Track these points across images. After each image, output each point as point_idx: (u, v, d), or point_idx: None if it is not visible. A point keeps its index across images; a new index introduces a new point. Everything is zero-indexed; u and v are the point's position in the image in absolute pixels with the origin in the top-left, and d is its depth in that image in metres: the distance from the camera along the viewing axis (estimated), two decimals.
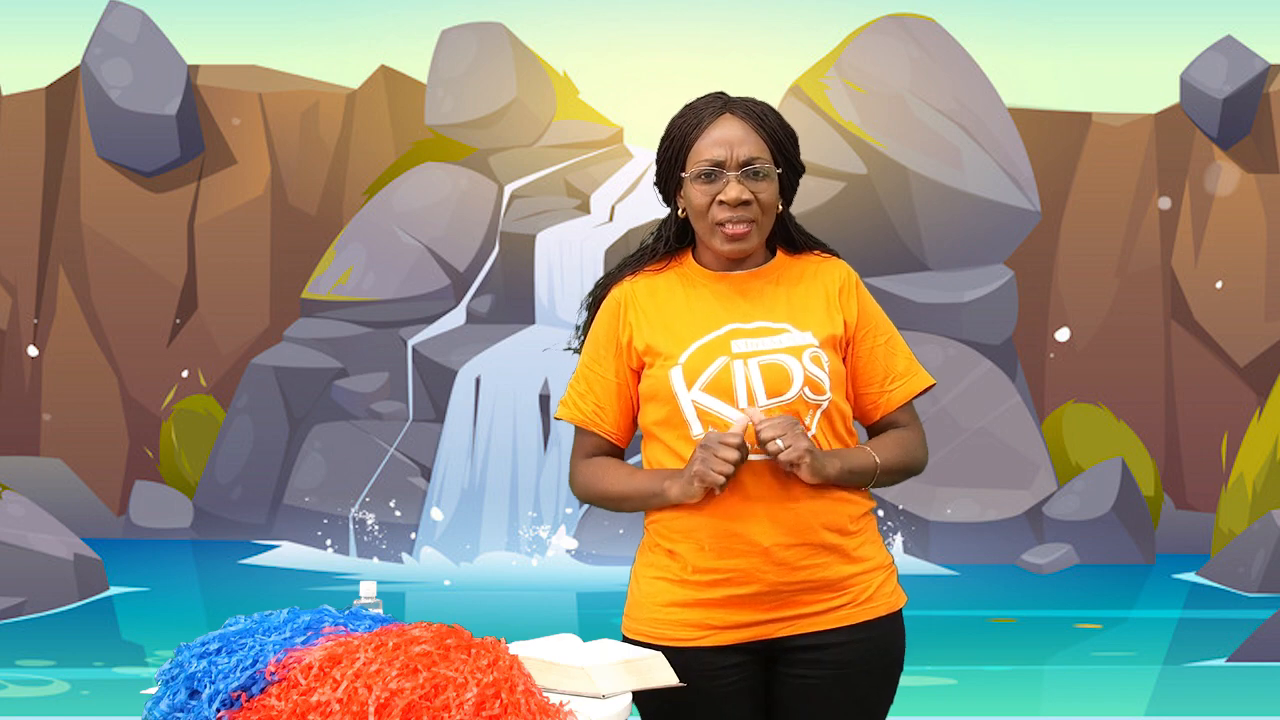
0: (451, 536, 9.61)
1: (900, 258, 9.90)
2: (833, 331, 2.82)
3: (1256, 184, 10.36)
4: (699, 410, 2.75)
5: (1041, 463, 9.66)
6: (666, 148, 2.83)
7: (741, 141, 2.77)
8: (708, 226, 2.80)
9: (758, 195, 2.77)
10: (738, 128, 2.78)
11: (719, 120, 2.79)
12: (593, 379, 2.86)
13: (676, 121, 2.83)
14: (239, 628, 2.51)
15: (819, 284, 2.86)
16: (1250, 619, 7.67)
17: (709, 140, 2.78)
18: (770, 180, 2.78)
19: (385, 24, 11.15)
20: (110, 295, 10.58)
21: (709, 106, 2.81)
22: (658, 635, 2.79)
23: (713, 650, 2.77)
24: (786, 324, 2.80)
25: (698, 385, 2.75)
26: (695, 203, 2.79)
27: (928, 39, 10.22)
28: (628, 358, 2.84)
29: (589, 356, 2.87)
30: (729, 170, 2.76)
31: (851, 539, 2.79)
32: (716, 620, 2.77)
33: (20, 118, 10.68)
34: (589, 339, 2.89)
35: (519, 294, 10.04)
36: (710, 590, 2.76)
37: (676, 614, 2.78)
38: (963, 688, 6.82)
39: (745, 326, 2.79)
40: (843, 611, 2.78)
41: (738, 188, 2.75)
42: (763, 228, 2.81)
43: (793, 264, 2.88)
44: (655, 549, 2.83)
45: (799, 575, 2.75)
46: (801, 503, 2.74)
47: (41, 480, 10.05)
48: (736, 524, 2.73)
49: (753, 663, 2.80)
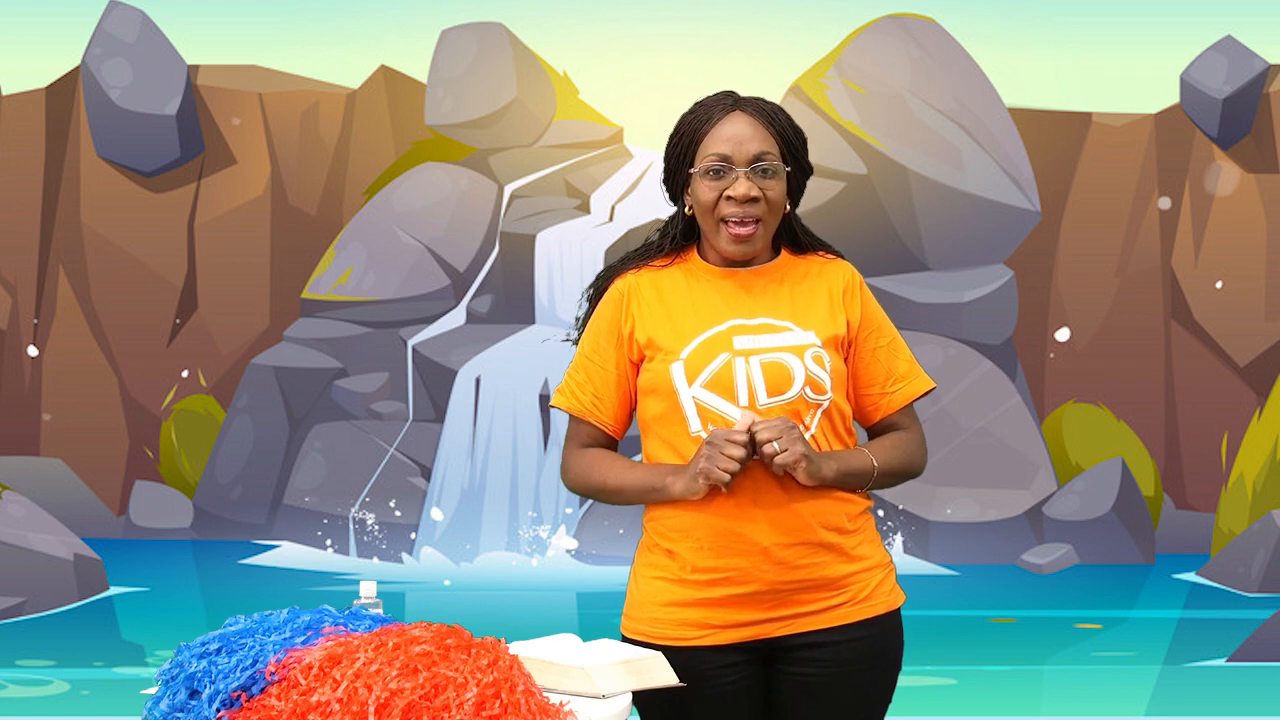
0: (451, 536, 9.61)
1: (900, 258, 9.90)
2: (835, 332, 2.81)
3: (1256, 184, 10.36)
4: (699, 406, 2.75)
5: (1041, 463, 9.66)
6: (675, 143, 2.83)
7: (751, 138, 2.77)
8: (714, 224, 2.79)
9: (766, 192, 2.77)
10: (748, 125, 2.78)
11: (729, 117, 2.79)
12: (592, 369, 2.85)
13: (686, 118, 2.83)
14: (239, 628, 2.51)
15: (823, 284, 2.85)
16: (1250, 619, 7.67)
17: (718, 136, 2.77)
18: (779, 178, 2.78)
19: (385, 24, 11.15)
20: (110, 295, 10.58)
21: (719, 104, 2.81)
22: (657, 635, 2.79)
23: (712, 650, 2.77)
24: (789, 322, 2.79)
25: (699, 381, 2.75)
26: (702, 198, 2.78)
27: (928, 39, 10.22)
28: (629, 349, 2.83)
29: (589, 346, 2.86)
30: (737, 166, 2.76)
31: (849, 538, 2.79)
32: (716, 619, 2.76)
33: (20, 118, 10.68)
34: (590, 329, 2.88)
35: (519, 294, 10.04)
36: (709, 590, 2.76)
37: (676, 613, 2.78)
38: (963, 688, 6.82)
39: (748, 323, 2.78)
40: (841, 610, 2.78)
41: (746, 183, 2.75)
42: (769, 227, 2.80)
43: (797, 263, 2.87)
44: (654, 549, 2.82)
45: (797, 574, 2.75)
46: (799, 502, 2.74)
47: (41, 480, 10.05)
48: (735, 523, 2.73)
49: (752, 662, 2.80)
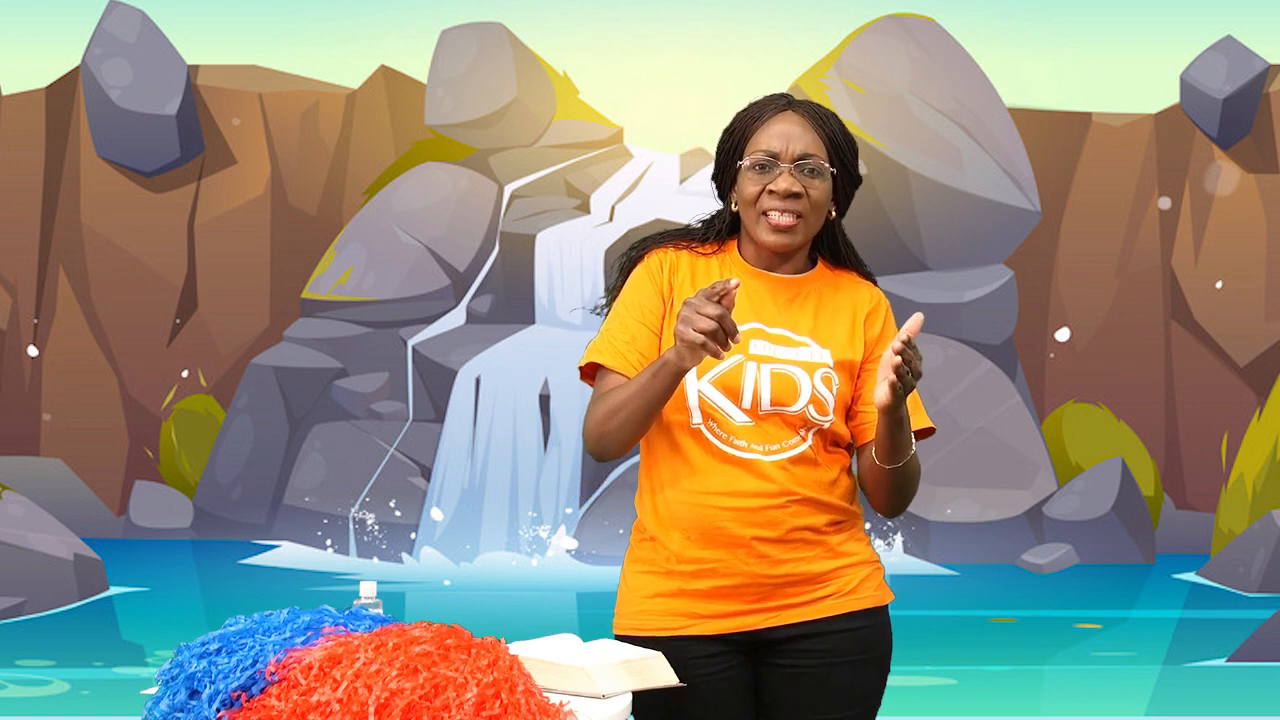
0: (451, 536, 9.61)
1: (900, 258, 9.90)
2: (851, 356, 2.83)
3: (1256, 184, 10.36)
4: (702, 400, 2.77)
5: (1041, 463, 9.66)
6: (726, 138, 2.85)
7: (799, 137, 2.79)
8: (754, 216, 2.80)
9: (809, 191, 2.78)
10: (798, 124, 2.80)
11: (781, 115, 2.81)
12: (639, 330, 2.80)
13: (739, 114, 2.86)
14: (239, 628, 2.51)
15: (849, 302, 2.87)
16: (1250, 619, 7.67)
17: (768, 133, 2.80)
18: (824, 179, 2.79)
19: (385, 24, 11.15)
20: (110, 295, 10.58)
21: (773, 103, 2.84)
22: (643, 626, 2.81)
23: (696, 639, 2.79)
24: (808, 339, 2.81)
25: (708, 376, 2.77)
26: (746, 192, 2.80)
27: (928, 39, 10.22)
28: (669, 317, 2.82)
29: (636, 309, 2.81)
30: (783, 162, 2.78)
31: (833, 535, 2.81)
32: (700, 610, 2.78)
33: (20, 118, 10.68)
34: (633, 291, 2.83)
35: (519, 294, 10.04)
36: (694, 580, 2.78)
37: (660, 604, 2.80)
38: (963, 688, 6.81)
39: (768, 330, 2.80)
40: (827, 602, 2.80)
41: (789, 179, 2.76)
42: (810, 226, 2.81)
43: (830, 277, 2.89)
44: (641, 543, 2.85)
45: (781, 569, 2.77)
46: (785, 505, 2.75)
47: (41, 480, 10.05)
48: (719, 516, 2.75)
49: (737, 653, 2.81)
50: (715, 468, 2.77)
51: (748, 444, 2.75)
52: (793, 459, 2.77)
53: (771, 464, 2.76)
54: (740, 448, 2.76)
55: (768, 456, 2.76)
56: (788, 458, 2.77)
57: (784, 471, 2.76)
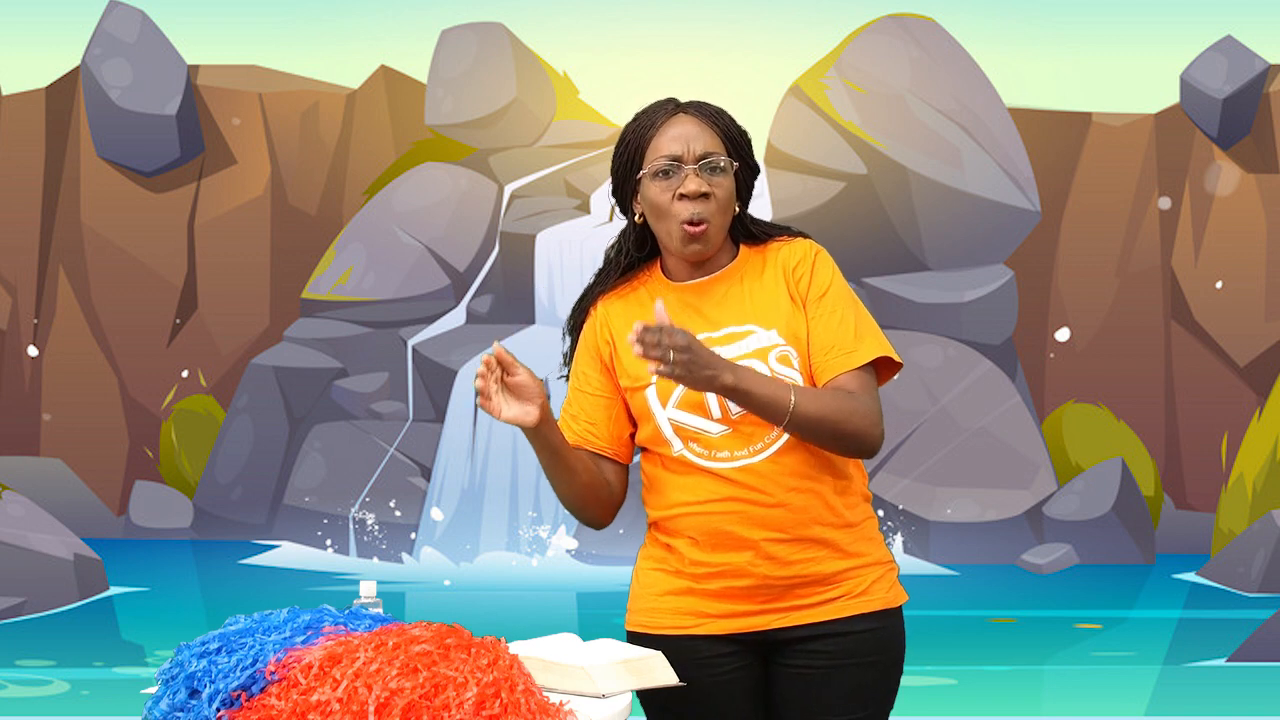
0: (451, 536, 9.61)
1: (900, 258, 9.90)
2: (796, 323, 2.80)
3: (1256, 184, 10.36)
4: (675, 427, 2.77)
5: (1041, 463, 9.66)
6: (622, 151, 2.84)
7: (697, 137, 2.78)
8: (667, 228, 2.78)
9: (715, 190, 2.77)
10: (693, 125, 2.79)
11: (674, 119, 2.80)
12: (582, 399, 2.87)
13: (630, 126, 2.84)
14: (239, 627, 2.51)
15: (777, 270, 2.84)
16: (1250, 619, 7.67)
17: (665, 137, 2.79)
18: (727, 175, 2.79)
19: (385, 24, 11.16)
20: (110, 295, 10.59)
21: (663, 108, 2.83)
22: (653, 624, 2.81)
23: (706, 639, 2.79)
24: (752, 325, 2.79)
25: (671, 402, 2.77)
26: (654, 201, 2.78)
27: (928, 39, 10.22)
28: (614, 374, 2.85)
29: (577, 379, 2.89)
30: (687, 164, 2.77)
31: (844, 533, 2.79)
32: (711, 609, 2.78)
33: (20, 118, 10.68)
34: (577, 362, 2.90)
35: (519, 294, 10.04)
36: (706, 582, 2.78)
37: (671, 602, 2.80)
38: (963, 688, 6.82)
39: (713, 335, 2.78)
40: (837, 603, 2.79)
41: (696, 180, 2.75)
42: (720, 226, 2.80)
43: (756, 256, 2.86)
44: (654, 544, 2.85)
45: (791, 570, 2.76)
46: (790, 502, 2.75)
47: (41, 480, 10.06)
48: (726, 521, 2.75)
49: (747, 654, 2.81)
50: (709, 485, 2.76)
51: (731, 453, 2.75)
52: (780, 450, 2.76)
53: (762, 462, 2.75)
54: (726, 459, 2.76)
55: (755, 457, 2.75)
56: (775, 450, 2.76)
57: (776, 465, 2.75)
